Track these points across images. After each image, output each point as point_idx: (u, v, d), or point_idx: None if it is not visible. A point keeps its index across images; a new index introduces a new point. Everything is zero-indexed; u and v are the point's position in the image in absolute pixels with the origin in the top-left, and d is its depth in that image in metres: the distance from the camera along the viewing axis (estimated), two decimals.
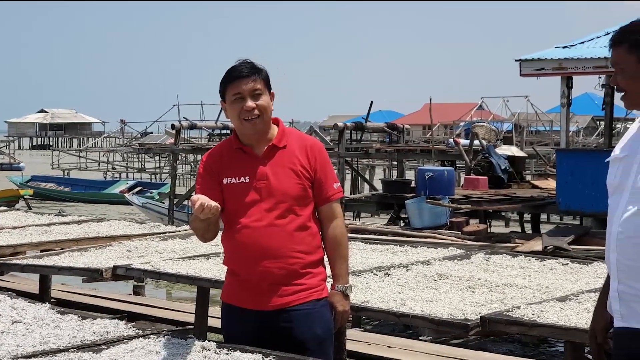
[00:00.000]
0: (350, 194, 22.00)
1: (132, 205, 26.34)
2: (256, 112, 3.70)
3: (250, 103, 3.69)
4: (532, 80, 14.45)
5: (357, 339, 6.99)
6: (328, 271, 3.92)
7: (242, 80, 3.69)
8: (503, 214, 19.68)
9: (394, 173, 23.55)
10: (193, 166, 36.55)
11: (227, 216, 3.73)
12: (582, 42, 14.18)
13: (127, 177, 43.17)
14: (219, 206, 3.55)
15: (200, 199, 3.50)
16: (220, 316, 3.98)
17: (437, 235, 12.53)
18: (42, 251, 6.97)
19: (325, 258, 3.89)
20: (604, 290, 3.10)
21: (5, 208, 10.65)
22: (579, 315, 4.53)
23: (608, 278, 3.06)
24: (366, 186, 25.05)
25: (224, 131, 24.69)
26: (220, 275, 5.20)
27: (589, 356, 3.24)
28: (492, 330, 4.70)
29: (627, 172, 2.94)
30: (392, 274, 5.67)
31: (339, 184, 3.91)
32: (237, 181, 3.73)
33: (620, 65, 2.96)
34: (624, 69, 2.95)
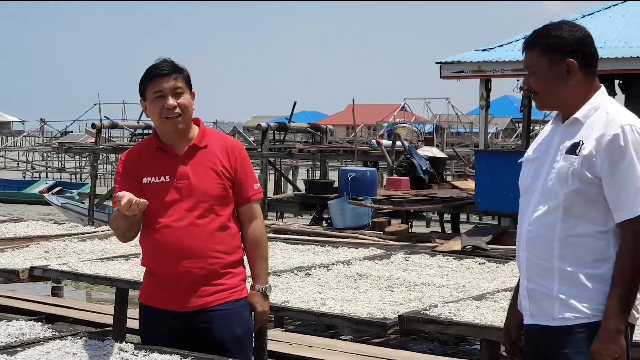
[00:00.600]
0: (274, 195, 22.00)
1: (51, 205, 25.91)
2: (177, 110, 3.68)
3: (171, 101, 3.67)
4: (454, 83, 14.67)
5: (278, 339, 7.00)
6: (248, 271, 3.93)
7: (163, 78, 3.67)
8: (424, 214, 19.93)
9: (317, 173, 23.63)
10: (114, 166, 36.01)
11: (147, 216, 3.70)
12: (501, 45, 14.45)
13: (47, 176, 42.39)
14: (146, 202, 3.52)
15: (126, 195, 3.48)
16: (137, 317, 3.95)
17: (359, 236, 12.60)
18: None
19: (245, 258, 3.90)
20: (517, 289, 3.18)
21: None
22: (494, 314, 4.61)
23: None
24: (289, 187, 25.07)
25: (146, 131, 24.44)
26: (140, 276, 5.16)
27: (504, 354, 3.31)
28: (410, 328, 4.76)
29: (538, 173, 3.01)
30: (313, 274, 5.70)
31: (259, 184, 3.92)
32: (157, 180, 3.71)
33: (533, 68, 3.04)
34: (536, 72, 3.03)
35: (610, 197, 2.87)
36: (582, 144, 2.90)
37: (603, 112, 2.95)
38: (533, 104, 13.57)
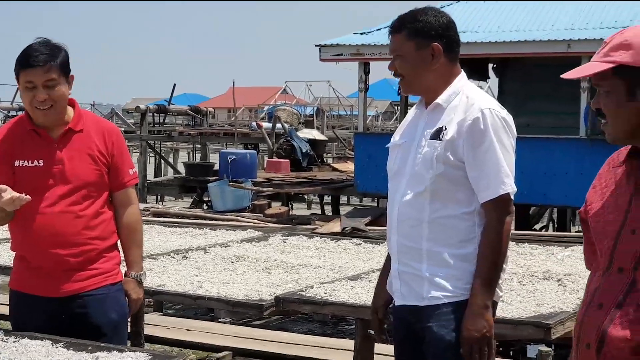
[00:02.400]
0: (154, 178, 21.75)
1: None
2: (49, 103, 3.58)
3: (42, 95, 3.55)
4: (335, 66, 14.76)
5: (156, 324, 6.94)
6: (122, 255, 3.88)
7: (35, 69, 3.54)
8: (305, 196, 20.07)
9: (198, 156, 23.48)
10: None
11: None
12: (379, 29, 14.60)
13: None
14: (29, 198, 3.43)
15: (7, 190, 3.38)
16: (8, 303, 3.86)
17: (239, 218, 12.61)
18: None
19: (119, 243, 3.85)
20: (384, 270, 3.25)
21: None
22: (369, 293, 4.70)
23: (388, 258, 3.21)
24: (170, 170, 24.83)
25: (19, 112, 23.75)
26: (9, 261, 5.04)
27: (372, 332, 3.38)
28: (286, 309, 4.81)
29: (405, 158, 3.08)
30: (190, 257, 5.69)
31: (135, 169, 3.88)
32: (30, 164, 3.61)
33: (399, 52, 3.09)
34: (402, 56, 3.08)
35: (474, 179, 2.96)
36: (445, 129, 2.98)
37: (463, 96, 3.03)
38: None
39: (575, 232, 13.38)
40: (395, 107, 45.12)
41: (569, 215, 15.07)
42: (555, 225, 16.17)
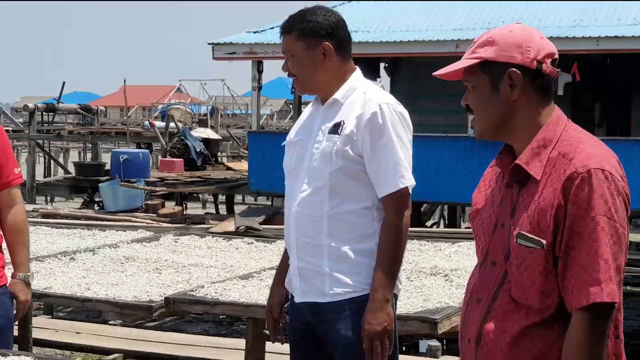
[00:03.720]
0: (43, 178, 21.24)
1: None
2: None
3: None
4: (230, 64, 14.68)
5: (45, 327, 6.79)
6: (7, 258, 3.79)
7: None
8: (199, 195, 19.94)
9: (89, 156, 23.04)
10: None
11: None
12: (272, 28, 14.61)
13: None
14: None
15: None
16: None
17: (132, 219, 12.42)
18: None
19: (4, 245, 3.76)
20: (280, 269, 3.24)
21: None
22: (260, 292, 4.71)
23: (284, 256, 3.20)
24: (60, 170, 24.29)
25: None
26: None
27: (267, 331, 3.37)
28: (176, 310, 4.77)
29: (302, 154, 3.09)
30: (78, 259, 5.59)
31: (20, 169, 3.79)
32: None
33: (291, 52, 3.10)
34: (294, 56, 3.09)
35: (372, 174, 2.98)
36: (344, 123, 2.99)
37: (360, 92, 3.05)
38: None
39: (465, 228, 13.69)
40: (290, 106, 45.25)
41: (459, 211, 15.39)
42: (446, 222, 16.49)
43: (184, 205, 16.07)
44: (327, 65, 3.07)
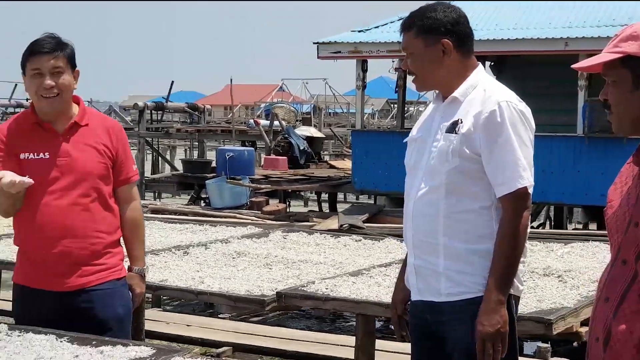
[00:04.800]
0: (151, 175, 21.74)
1: None
2: (55, 90, 3.60)
3: (48, 81, 3.58)
4: (331, 64, 14.79)
5: (156, 319, 6.95)
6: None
7: (42, 56, 3.58)
8: (302, 193, 20.08)
9: (195, 154, 23.47)
10: None
11: (25, 194, 3.61)
12: (377, 27, 14.64)
13: None
14: (31, 181, 3.44)
15: (7, 174, 3.40)
16: (10, 299, 3.87)
17: (238, 215, 12.63)
18: None
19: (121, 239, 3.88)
20: (404, 266, 3.22)
21: None
22: (370, 289, 4.72)
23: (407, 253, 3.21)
24: (167, 167, 24.82)
25: (17, 109, 23.77)
26: (12, 257, 5.05)
27: (392, 327, 3.38)
28: (287, 305, 4.83)
29: (422, 152, 3.07)
30: (191, 253, 5.70)
31: (136, 166, 3.92)
32: (36, 157, 3.62)
33: (410, 50, 3.09)
34: (413, 53, 3.09)
35: (490, 173, 2.93)
36: (461, 122, 2.96)
37: (481, 89, 3.01)
38: (408, 84, 13.74)
39: (572, 229, 13.42)
40: (392, 105, 45.13)
41: (566, 212, 15.10)
42: (552, 223, 16.20)
43: (287, 203, 16.21)
44: (447, 62, 3.03)
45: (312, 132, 19.39)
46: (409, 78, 3.25)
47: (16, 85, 30.44)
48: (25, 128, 3.69)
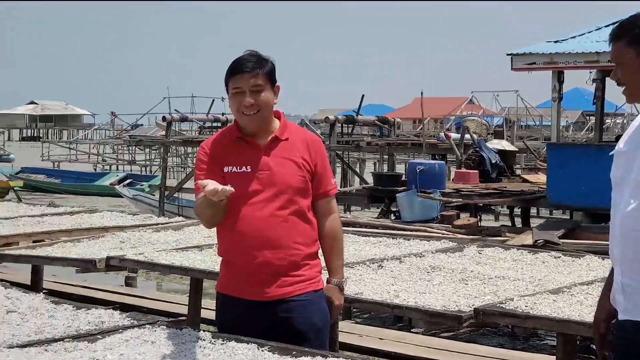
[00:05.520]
0: (341, 187, 22.00)
1: (122, 197, 26.28)
2: (255, 107, 3.71)
3: (249, 99, 3.70)
4: (521, 76, 14.49)
5: (349, 331, 7.00)
6: (322, 263, 3.94)
7: (243, 75, 3.70)
8: (493, 208, 19.73)
9: (385, 167, 23.57)
10: (183, 159, 36.48)
11: (227, 206, 3.72)
12: (573, 37, 14.22)
13: (117, 169, 43.03)
14: (232, 189, 3.54)
15: (210, 183, 3.52)
16: (213, 308, 3.98)
17: (428, 229, 12.54)
18: (34, 242, 6.95)
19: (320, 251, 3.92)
20: (608, 283, 3.10)
21: None
22: (571, 308, 4.54)
23: (612, 271, 3.07)
24: (357, 179, 25.06)
25: (215, 124, 24.71)
26: (214, 266, 5.20)
27: (593, 346, 3.24)
28: (485, 321, 4.72)
29: (630, 166, 2.94)
30: (386, 266, 5.68)
31: (335, 180, 3.96)
32: (239, 170, 3.74)
33: (620, 60, 2.98)
34: (623, 64, 2.97)
35: None
36: None
37: None
38: (607, 95, 13.14)
39: None
40: (587, 117, 43.76)
41: None
42: None
43: (479, 217, 15.96)
44: None
45: (505, 145, 19.03)
46: (608, 89, 3.10)
47: (213, 100, 31.70)
48: (229, 142, 3.81)
